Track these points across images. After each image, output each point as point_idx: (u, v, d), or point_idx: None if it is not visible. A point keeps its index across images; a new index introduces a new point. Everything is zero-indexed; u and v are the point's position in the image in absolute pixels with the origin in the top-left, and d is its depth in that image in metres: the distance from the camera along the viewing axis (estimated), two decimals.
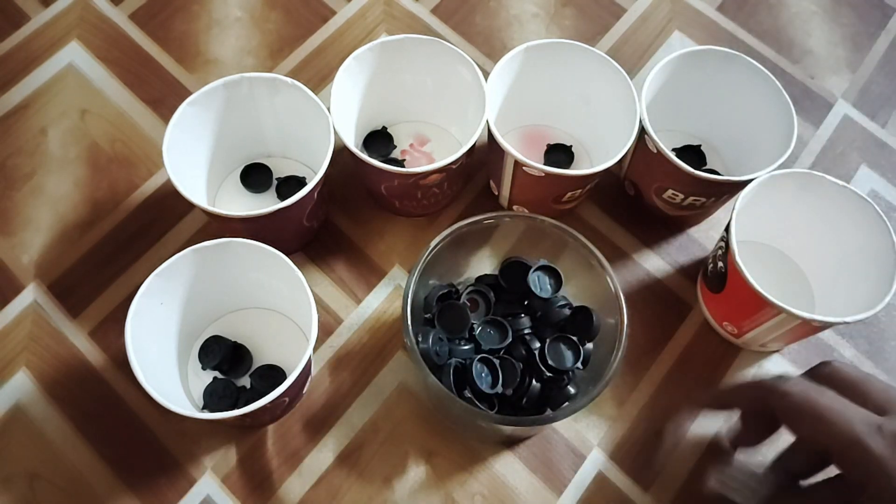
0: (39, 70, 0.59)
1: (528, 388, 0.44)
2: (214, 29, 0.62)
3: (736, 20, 0.65)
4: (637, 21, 0.64)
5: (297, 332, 0.50)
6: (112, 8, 0.62)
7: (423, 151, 0.57)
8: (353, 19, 0.63)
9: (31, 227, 0.54)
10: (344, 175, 0.55)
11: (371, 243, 0.54)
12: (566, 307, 0.46)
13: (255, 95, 0.50)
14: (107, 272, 0.52)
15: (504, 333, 0.46)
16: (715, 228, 0.56)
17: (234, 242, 0.44)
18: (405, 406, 0.49)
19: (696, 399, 0.50)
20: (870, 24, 0.65)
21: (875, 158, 0.59)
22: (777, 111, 0.49)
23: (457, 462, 0.48)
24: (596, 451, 0.48)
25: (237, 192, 0.54)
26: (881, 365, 0.52)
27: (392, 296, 0.52)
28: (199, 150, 0.50)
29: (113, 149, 0.57)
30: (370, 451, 0.48)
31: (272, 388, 0.40)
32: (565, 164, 0.56)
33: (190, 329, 0.48)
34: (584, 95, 0.54)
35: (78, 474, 0.47)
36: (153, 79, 0.60)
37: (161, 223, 0.54)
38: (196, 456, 0.47)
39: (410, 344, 0.41)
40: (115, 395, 0.49)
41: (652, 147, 0.48)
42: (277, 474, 0.47)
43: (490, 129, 0.48)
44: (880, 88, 0.62)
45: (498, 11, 0.64)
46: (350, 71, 0.50)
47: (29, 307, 0.51)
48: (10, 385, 0.49)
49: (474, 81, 0.50)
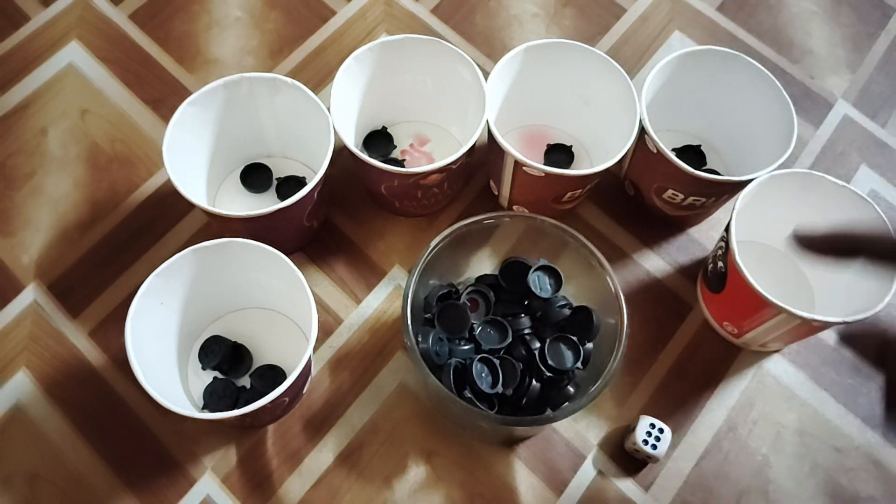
0: (39, 70, 0.59)
1: (528, 388, 0.44)
2: (214, 29, 0.62)
3: (736, 20, 0.65)
4: (637, 21, 0.64)
5: (297, 332, 0.50)
6: (112, 8, 0.62)
7: (423, 151, 0.57)
8: (353, 19, 0.63)
9: (31, 227, 0.54)
10: (344, 175, 0.55)
11: (371, 243, 0.54)
12: (566, 307, 0.46)
13: (255, 95, 0.50)
14: (107, 272, 0.52)
15: (504, 333, 0.46)
16: (715, 228, 0.56)
17: (234, 242, 0.44)
18: (405, 406, 0.49)
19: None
20: (870, 24, 0.65)
21: (875, 158, 0.59)
22: (777, 111, 0.49)
23: (457, 462, 0.48)
24: (596, 451, 0.48)
25: (237, 192, 0.54)
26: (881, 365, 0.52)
27: (392, 296, 0.52)
28: (199, 150, 0.50)
29: (113, 149, 0.57)
30: (370, 451, 0.48)
31: (272, 388, 0.40)
32: (565, 164, 0.56)
33: (190, 329, 0.48)
34: (584, 95, 0.54)
35: (78, 474, 0.47)
36: (153, 79, 0.60)
37: (161, 223, 0.54)
38: (196, 456, 0.47)
39: (410, 344, 0.41)
40: (115, 395, 0.49)
41: (652, 147, 0.48)
42: (277, 474, 0.47)
43: (490, 129, 0.48)
44: (880, 88, 0.62)
45: (498, 11, 0.64)
46: (350, 71, 0.50)
47: (29, 307, 0.51)
48: (10, 385, 0.49)
49: (474, 81, 0.50)
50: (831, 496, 0.48)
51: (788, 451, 0.49)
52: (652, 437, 0.46)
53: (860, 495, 0.48)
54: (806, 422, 0.50)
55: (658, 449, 0.46)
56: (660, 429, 0.46)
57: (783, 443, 0.49)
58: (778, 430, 0.49)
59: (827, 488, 0.48)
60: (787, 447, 0.49)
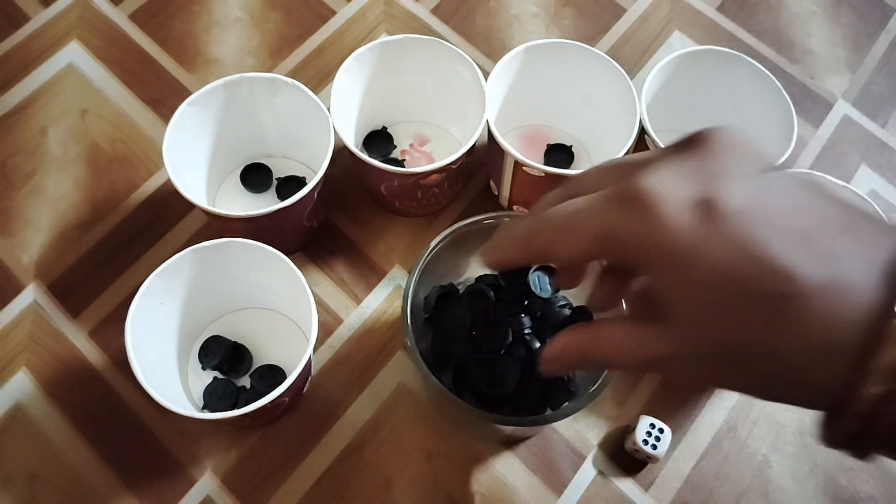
0: (39, 70, 0.59)
1: (528, 389, 0.44)
2: (214, 29, 0.62)
3: (736, 20, 0.65)
4: (637, 21, 0.64)
5: (297, 332, 0.50)
6: (112, 8, 0.62)
7: (423, 151, 0.57)
8: (353, 19, 0.63)
9: (31, 227, 0.54)
10: (344, 175, 0.55)
11: (371, 243, 0.54)
12: (566, 307, 0.46)
13: (255, 95, 0.50)
14: (107, 272, 0.52)
15: (504, 333, 0.46)
16: None
17: (234, 242, 0.44)
18: (405, 406, 0.49)
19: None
20: (870, 24, 0.65)
21: (875, 158, 0.59)
22: (777, 111, 0.49)
23: (457, 462, 0.48)
24: (596, 451, 0.48)
25: (237, 192, 0.54)
26: None
27: (392, 296, 0.52)
28: (199, 150, 0.50)
29: (113, 149, 0.57)
30: (370, 451, 0.48)
31: (272, 388, 0.40)
32: (565, 164, 0.56)
33: (190, 329, 0.48)
34: (584, 95, 0.54)
35: (78, 474, 0.47)
36: (153, 79, 0.60)
37: (161, 223, 0.54)
38: (196, 456, 0.47)
39: (411, 343, 0.41)
40: (115, 395, 0.49)
41: (652, 147, 0.48)
42: (277, 474, 0.47)
43: (490, 129, 0.48)
44: (880, 88, 0.62)
45: (498, 11, 0.64)
46: (350, 71, 0.50)
47: (29, 307, 0.51)
48: (10, 385, 0.49)
49: (474, 81, 0.50)
50: (831, 496, 0.48)
51: (788, 451, 0.49)
52: (652, 437, 0.46)
53: (860, 495, 0.48)
54: (806, 422, 0.50)
55: (658, 449, 0.46)
56: (660, 429, 0.46)
57: (783, 443, 0.49)
58: (778, 430, 0.49)
59: (827, 488, 0.48)
60: (787, 447, 0.49)
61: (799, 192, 0.25)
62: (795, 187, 0.25)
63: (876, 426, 0.23)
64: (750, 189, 0.24)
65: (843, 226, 0.24)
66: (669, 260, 0.25)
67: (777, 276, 0.23)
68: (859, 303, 0.23)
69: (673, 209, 0.24)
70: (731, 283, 0.24)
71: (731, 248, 0.24)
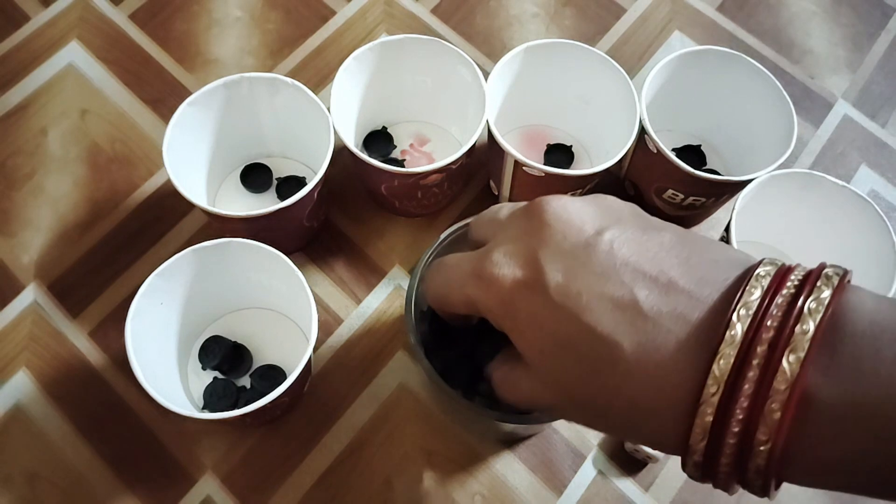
0: (39, 70, 0.59)
1: None
2: (214, 29, 0.62)
3: (736, 20, 0.65)
4: (637, 21, 0.64)
5: (297, 332, 0.50)
6: (112, 8, 0.62)
7: (423, 151, 0.57)
8: (353, 19, 0.63)
9: (31, 227, 0.54)
10: (344, 175, 0.55)
11: (371, 243, 0.54)
12: None
13: (255, 95, 0.50)
14: (107, 272, 0.52)
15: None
16: (715, 228, 0.56)
17: (234, 242, 0.44)
18: (405, 406, 0.49)
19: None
20: (870, 24, 0.65)
21: (875, 158, 0.59)
22: (777, 111, 0.49)
23: (457, 462, 0.48)
24: (596, 451, 0.48)
25: (237, 192, 0.54)
26: None
27: (392, 296, 0.52)
28: (199, 150, 0.50)
29: (113, 149, 0.57)
30: (370, 451, 0.48)
31: (272, 388, 0.40)
32: (565, 164, 0.56)
33: (190, 329, 0.48)
34: (584, 95, 0.54)
35: (78, 474, 0.47)
36: (153, 79, 0.60)
37: (161, 223, 0.54)
38: (196, 456, 0.47)
39: (414, 341, 0.41)
40: (115, 395, 0.49)
41: (652, 147, 0.48)
42: (277, 474, 0.47)
43: (490, 129, 0.48)
44: (880, 88, 0.62)
45: (498, 11, 0.64)
46: (350, 71, 0.50)
47: (29, 307, 0.51)
48: (10, 385, 0.49)
49: (474, 81, 0.50)
50: (831, 496, 0.48)
51: None
52: None
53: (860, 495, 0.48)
54: None
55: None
56: None
57: None
58: None
59: None
60: None
61: (621, 251, 0.27)
62: (617, 248, 0.27)
63: (717, 472, 0.25)
64: (569, 261, 0.27)
65: (661, 284, 0.26)
66: (517, 327, 0.29)
67: (603, 343, 0.26)
68: (677, 367, 0.24)
69: (510, 285, 0.28)
70: (570, 347, 0.27)
71: (564, 318, 0.27)
